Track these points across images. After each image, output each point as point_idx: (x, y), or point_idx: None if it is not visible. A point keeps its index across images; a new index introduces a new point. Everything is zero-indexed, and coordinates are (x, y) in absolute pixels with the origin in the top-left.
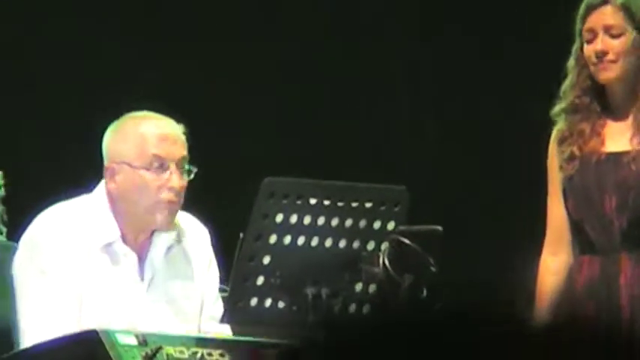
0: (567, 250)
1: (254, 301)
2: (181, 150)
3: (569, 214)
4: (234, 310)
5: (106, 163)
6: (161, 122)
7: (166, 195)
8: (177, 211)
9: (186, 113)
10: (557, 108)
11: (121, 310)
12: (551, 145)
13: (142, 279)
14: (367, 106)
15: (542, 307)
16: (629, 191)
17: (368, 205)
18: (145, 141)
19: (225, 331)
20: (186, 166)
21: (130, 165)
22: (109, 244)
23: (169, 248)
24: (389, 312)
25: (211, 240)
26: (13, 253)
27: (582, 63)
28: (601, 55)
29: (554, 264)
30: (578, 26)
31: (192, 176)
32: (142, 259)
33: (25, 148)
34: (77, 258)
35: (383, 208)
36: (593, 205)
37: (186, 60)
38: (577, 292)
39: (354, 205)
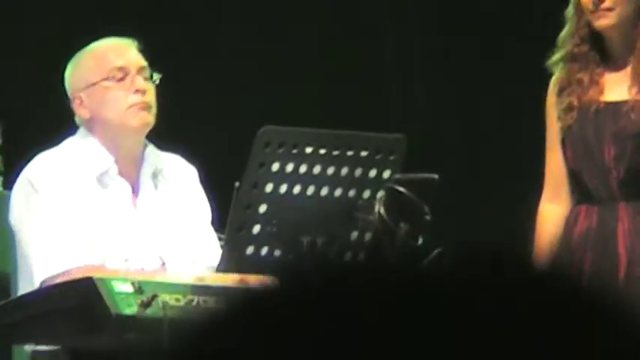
0: (566, 199)
1: (250, 250)
2: (139, 59)
3: (567, 163)
4: (230, 259)
5: (71, 96)
6: (112, 39)
7: (134, 98)
8: (150, 113)
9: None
10: (555, 56)
11: (118, 241)
12: (550, 95)
13: (137, 211)
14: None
15: (541, 255)
16: (627, 140)
17: (364, 153)
18: (101, 56)
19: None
20: (149, 74)
21: (92, 85)
22: (103, 174)
23: (154, 175)
24: (383, 260)
25: (207, 188)
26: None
27: (581, 11)
28: (597, 3)
29: (553, 212)
30: None
31: (156, 82)
32: (134, 191)
33: (25, 98)
34: (74, 191)
35: (379, 156)
36: (592, 155)
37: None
38: (574, 242)
39: (350, 153)
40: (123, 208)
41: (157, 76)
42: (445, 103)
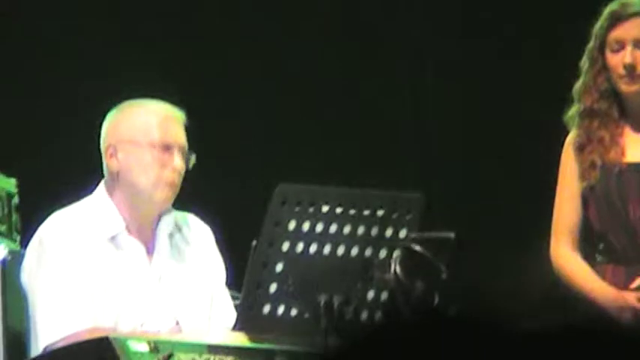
0: (579, 252)
1: (267, 309)
2: (183, 137)
3: (590, 223)
4: (247, 318)
5: (107, 142)
6: (167, 106)
7: (169, 174)
8: (175, 193)
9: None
10: (572, 111)
11: (132, 303)
12: (567, 150)
13: (151, 273)
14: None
15: (588, 279)
16: None
17: (380, 212)
18: (153, 121)
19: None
20: (186, 153)
21: (134, 143)
22: (115, 237)
23: (171, 235)
24: (400, 320)
25: (224, 248)
26: None
27: (599, 66)
28: (630, 69)
29: (578, 257)
30: (599, 30)
31: (191, 165)
32: (149, 251)
33: (40, 157)
34: (84, 253)
35: (395, 215)
36: (617, 215)
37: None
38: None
39: (366, 212)
40: (137, 270)
41: (193, 158)
42: (465, 161)
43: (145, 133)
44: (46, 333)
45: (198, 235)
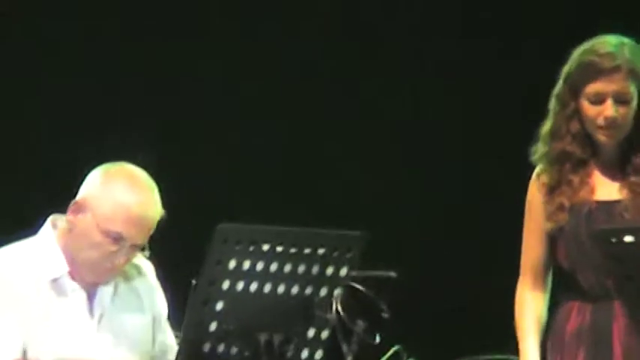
0: (545, 288)
1: (207, 347)
2: (145, 237)
3: (558, 261)
4: (187, 356)
5: (79, 196)
6: (146, 202)
7: (109, 265)
8: (113, 277)
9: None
10: (540, 153)
11: (71, 346)
12: (534, 190)
13: (92, 315)
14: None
15: (527, 338)
16: None
17: (321, 251)
18: (121, 213)
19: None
20: (140, 249)
21: (95, 219)
22: (57, 279)
23: (117, 285)
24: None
25: (164, 285)
26: None
27: (571, 111)
28: (610, 122)
29: (535, 299)
30: (572, 77)
31: (135, 256)
32: (90, 296)
33: None
34: (23, 294)
35: (336, 254)
36: (585, 254)
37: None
38: (566, 339)
39: (307, 251)
40: (77, 313)
41: (146, 254)
42: (407, 200)
43: (108, 221)
44: None
45: (142, 280)
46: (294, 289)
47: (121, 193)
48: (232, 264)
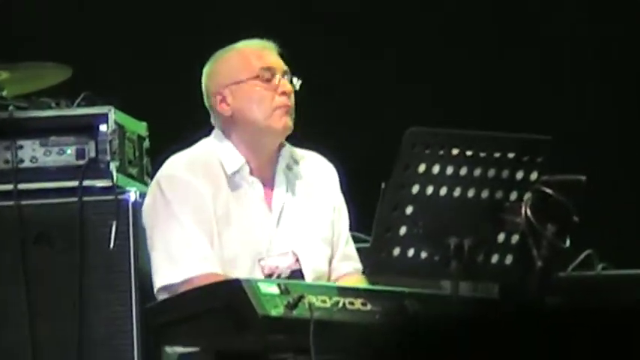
0: None
1: (397, 251)
2: (281, 61)
3: None
4: (377, 260)
5: (211, 93)
6: (255, 40)
7: (280, 100)
8: (292, 117)
9: None
10: None
11: (252, 242)
12: None
13: (271, 210)
14: None
15: None
16: None
17: (511, 155)
18: (247, 55)
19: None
20: (290, 78)
21: (238, 82)
22: (235, 174)
23: (289, 168)
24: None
25: (351, 189)
26: None
27: None
28: None
29: None
30: None
31: (297, 87)
32: (268, 186)
33: (170, 100)
34: (200, 193)
35: (526, 158)
36: None
37: None
38: None
39: (497, 155)
40: (255, 208)
41: (297, 82)
42: (597, 105)
43: (245, 68)
44: (159, 276)
45: (320, 173)
46: (484, 194)
47: (233, 50)
48: (422, 168)
